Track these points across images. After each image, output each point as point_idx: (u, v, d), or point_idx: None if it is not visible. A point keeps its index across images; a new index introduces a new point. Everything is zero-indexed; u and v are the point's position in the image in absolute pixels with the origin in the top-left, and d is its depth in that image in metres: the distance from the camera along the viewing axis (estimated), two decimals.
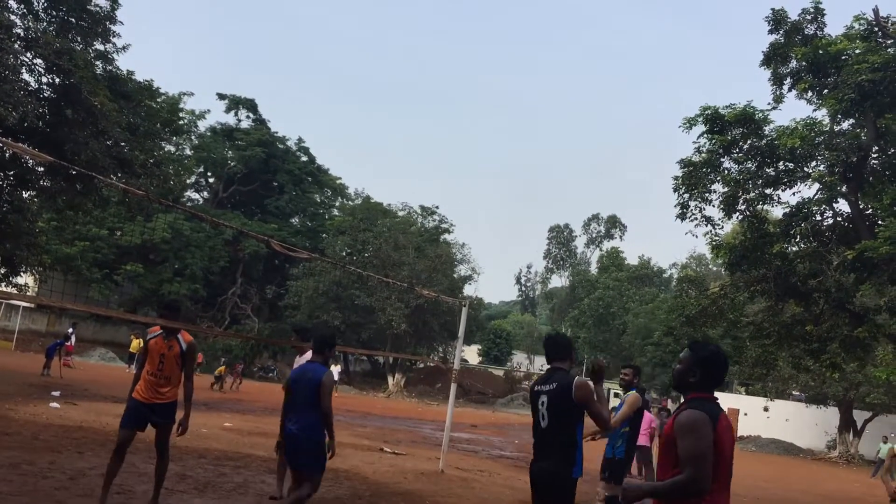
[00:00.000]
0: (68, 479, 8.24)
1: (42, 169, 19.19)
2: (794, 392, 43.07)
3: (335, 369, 40.54)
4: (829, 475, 28.50)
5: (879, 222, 14.58)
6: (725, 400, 49.05)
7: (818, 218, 16.69)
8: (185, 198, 53.91)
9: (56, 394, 17.88)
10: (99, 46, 20.57)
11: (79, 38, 19.83)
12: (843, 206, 16.60)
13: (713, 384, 3.89)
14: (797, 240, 17.07)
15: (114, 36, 20.48)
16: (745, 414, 45.78)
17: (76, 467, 8.95)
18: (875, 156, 16.09)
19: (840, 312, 16.55)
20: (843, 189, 15.88)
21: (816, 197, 16.35)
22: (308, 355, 8.98)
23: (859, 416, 39.28)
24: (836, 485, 24.46)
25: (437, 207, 57.41)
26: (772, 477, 23.85)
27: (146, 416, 7.11)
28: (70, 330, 31.10)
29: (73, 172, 17.26)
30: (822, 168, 15.74)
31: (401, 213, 56.33)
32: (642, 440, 14.02)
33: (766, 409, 44.18)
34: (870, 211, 16.02)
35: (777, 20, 16.48)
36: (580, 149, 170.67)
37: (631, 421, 8.10)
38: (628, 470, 8.29)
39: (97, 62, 20.46)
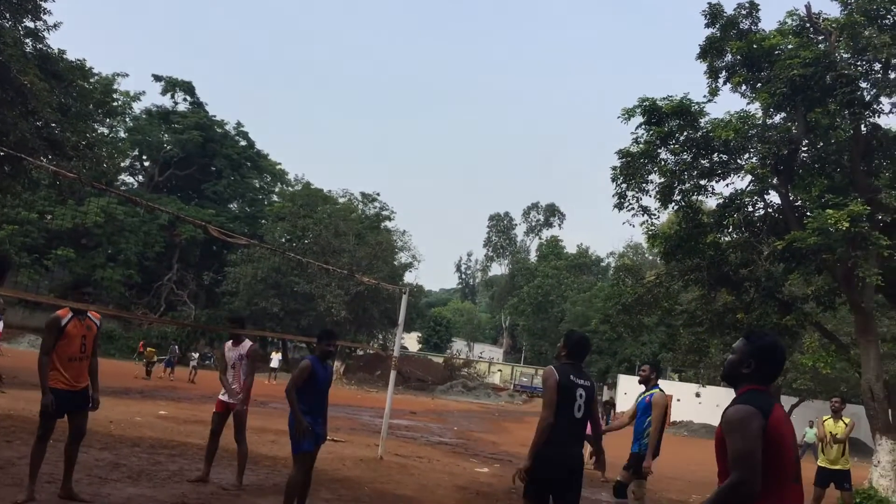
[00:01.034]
0: None
1: None
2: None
3: (275, 357, 40.27)
4: None
5: (808, 214, 15.01)
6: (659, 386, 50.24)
7: (750, 209, 17.10)
8: (119, 181, 52.62)
9: None
10: (29, 24, 19.93)
11: (7, 15, 19.17)
12: (774, 197, 17.06)
13: (768, 377, 3.61)
14: (730, 230, 17.46)
15: (44, 13, 19.87)
16: (678, 400, 46.85)
17: (4, 456, 8.71)
18: (805, 149, 16.55)
19: (769, 301, 17.01)
20: (774, 181, 16.30)
21: (749, 188, 16.74)
22: (246, 344, 9.13)
23: (786, 401, 40.54)
24: None
25: (378, 194, 57.25)
26: (703, 460, 24.42)
27: (70, 403, 6.88)
28: None
29: (1, 154, 16.71)
30: (754, 160, 16.11)
31: (342, 200, 55.93)
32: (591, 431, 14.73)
33: (698, 395, 45.34)
34: (799, 203, 16.51)
35: (713, 14, 16.79)
36: (520, 138, 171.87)
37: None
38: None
39: (27, 40, 19.84)
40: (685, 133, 16.48)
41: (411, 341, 75.10)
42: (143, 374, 30.11)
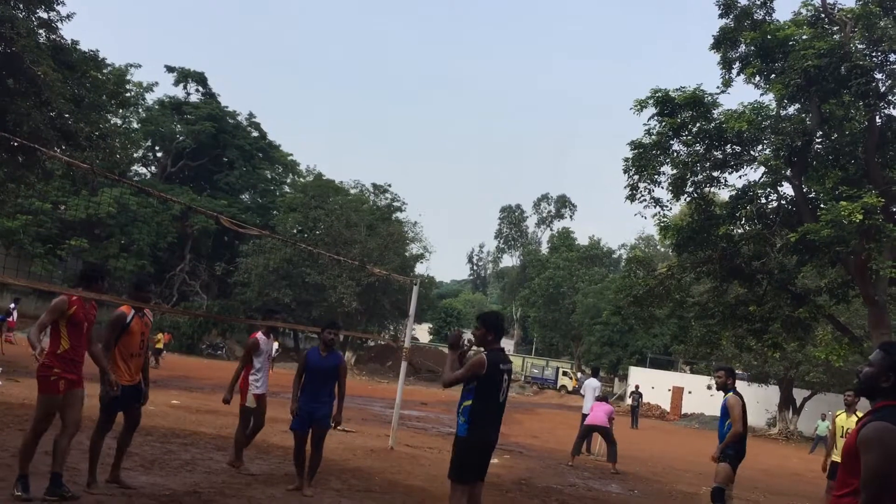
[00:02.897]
0: (10, 456, 8.08)
1: None
2: (736, 371, 44.09)
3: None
4: (769, 451, 29.31)
5: (821, 206, 14.92)
6: (670, 378, 50.12)
7: (763, 201, 17.02)
8: (131, 172, 52.74)
9: None
10: (42, 14, 19.99)
11: (21, 6, 19.21)
12: (787, 189, 16.98)
13: None
14: (742, 222, 17.39)
15: (58, 4, 19.90)
16: (690, 392, 46.79)
17: (18, 445, 8.77)
18: (819, 140, 16.43)
19: (782, 293, 16.94)
20: (788, 173, 16.21)
21: (762, 180, 16.65)
22: (274, 340, 9.60)
23: (798, 394, 40.41)
24: (775, 460, 25.17)
25: (389, 186, 57.14)
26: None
27: (131, 398, 7.16)
28: (12, 305, 30.32)
29: (15, 144, 16.81)
30: (767, 152, 16.03)
31: (353, 191, 55.91)
32: (602, 421, 14.95)
33: (709, 388, 45.10)
34: (812, 195, 16.41)
35: (727, 4, 16.67)
36: (532, 129, 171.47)
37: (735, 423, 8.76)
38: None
39: (40, 31, 19.88)
40: (698, 124, 16.40)
41: (422, 332, 75.15)
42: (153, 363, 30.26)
